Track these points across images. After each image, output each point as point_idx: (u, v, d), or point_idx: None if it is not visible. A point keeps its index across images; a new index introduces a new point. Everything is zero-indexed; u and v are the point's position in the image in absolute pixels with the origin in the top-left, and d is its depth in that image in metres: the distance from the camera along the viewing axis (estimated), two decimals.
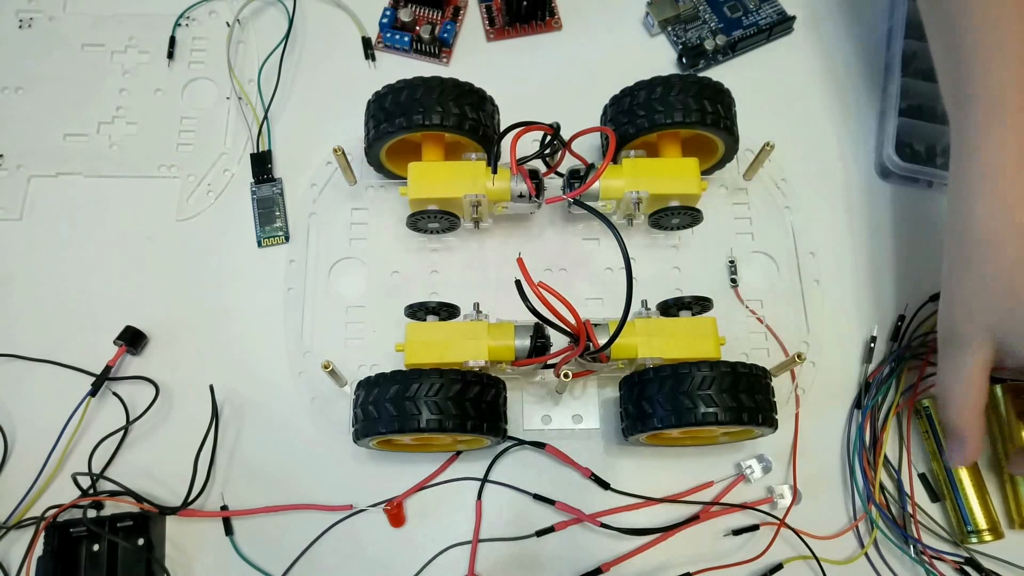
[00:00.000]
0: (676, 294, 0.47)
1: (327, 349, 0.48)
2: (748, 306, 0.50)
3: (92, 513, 0.45)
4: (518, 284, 0.38)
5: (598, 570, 0.44)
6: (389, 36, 0.57)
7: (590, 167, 0.46)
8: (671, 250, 0.52)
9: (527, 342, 0.43)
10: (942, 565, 0.45)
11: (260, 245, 0.52)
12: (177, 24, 0.57)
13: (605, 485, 0.46)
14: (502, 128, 0.46)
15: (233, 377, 0.48)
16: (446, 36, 0.57)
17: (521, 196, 0.46)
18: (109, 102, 0.55)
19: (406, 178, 0.46)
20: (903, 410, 0.47)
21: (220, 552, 0.45)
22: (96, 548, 0.44)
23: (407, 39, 0.57)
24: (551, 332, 0.42)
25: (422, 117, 0.45)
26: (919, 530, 0.45)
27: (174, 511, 0.45)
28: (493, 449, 0.47)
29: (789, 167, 0.53)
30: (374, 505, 0.46)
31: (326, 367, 0.43)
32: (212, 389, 0.47)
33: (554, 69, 0.57)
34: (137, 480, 0.45)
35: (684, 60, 0.57)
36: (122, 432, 0.47)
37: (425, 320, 0.45)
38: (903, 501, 0.46)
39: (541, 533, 0.45)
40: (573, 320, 0.39)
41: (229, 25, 0.57)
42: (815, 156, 0.55)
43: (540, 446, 0.47)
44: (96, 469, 0.46)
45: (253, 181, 0.53)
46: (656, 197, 0.46)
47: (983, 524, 0.44)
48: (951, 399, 0.42)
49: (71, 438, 0.46)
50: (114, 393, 0.48)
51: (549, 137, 0.44)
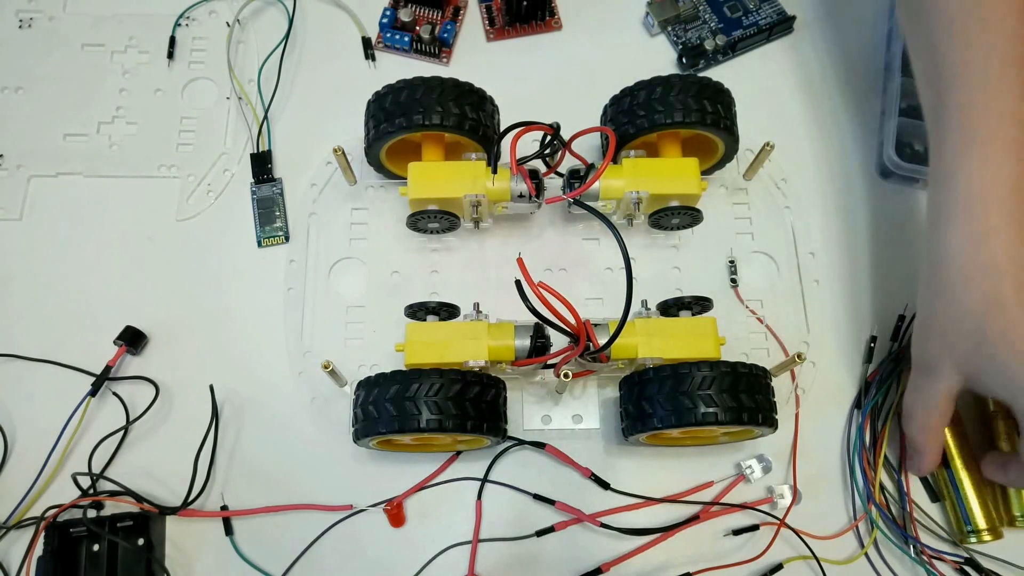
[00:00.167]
0: (676, 294, 0.47)
1: (327, 349, 0.49)
2: (748, 306, 0.50)
3: (92, 513, 0.45)
4: (518, 284, 0.38)
5: (598, 570, 0.44)
6: (389, 36, 0.57)
7: (590, 167, 0.46)
8: (671, 250, 0.52)
9: (527, 342, 0.43)
10: (942, 565, 0.45)
11: (260, 245, 0.52)
12: (177, 24, 0.57)
13: (605, 485, 0.46)
14: (502, 128, 0.46)
15: (233, 377, 0.48)
16: (446, 36, 0.57)
17: (521, 196, 0.46)
18: (109, 102, 0.55)
19: (406, 178, 0.46)
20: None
21: (220, 552, 0.45)
22: (96, 548, 0.44)
23: (407, 39, 0.57)
24: (551, 332, 0.42)
25: (422, 117, 0.45)
26: (918, 530, 0.45)
27: (174, 511, 0.45)
28: (493, 449, 0.47)
29: (789, 167, 0.54)
30: (374, 505, 0.46)
31: (326, 367, 0.43)
32: (212, 389, 0.47)
33: (554, 69, 0.57)
34: (137, 480, 0.45)
35: (684, 60, 0.57)
36: (122, 432, 0.47)
37: (425, 320, 0.45)
38: (903, 501, 0.46)
39: (541, 533, 0.45)
40: (573, 320, 0.39)
41: (229, 25, 0.57)
42: (815, 156, 0.55)
43: (540, 446, 0.47)
44: (96, 469, 0.46)
45: (253, 181, 0.53)
46: (656, 197, 0.46)
47: (982, 524, 0.44)
48: (914, 417, 0.44)
49: (71, 438, 0.46)
50: (114, 393, 0.48)
51: (549, 137, 0.44)
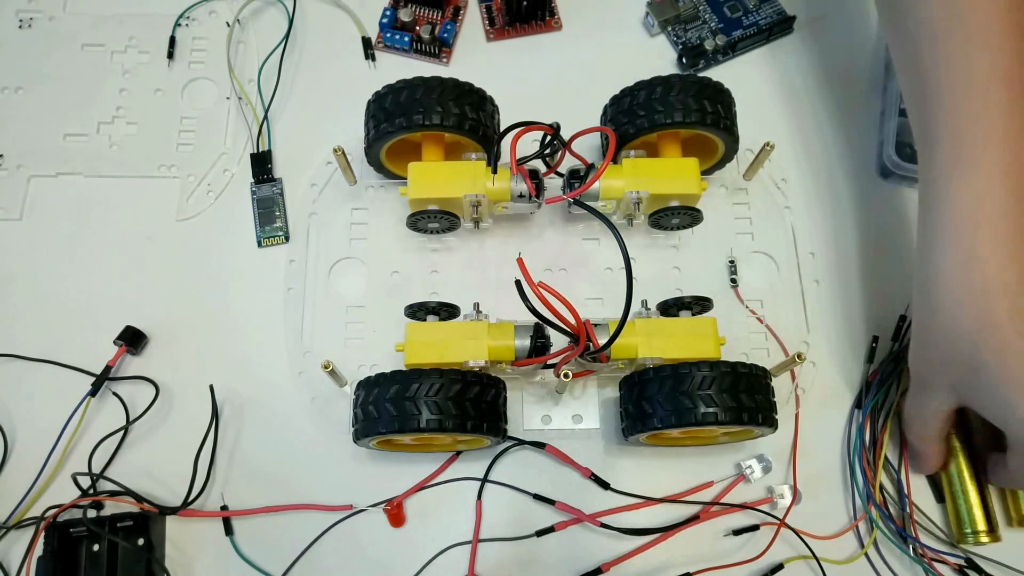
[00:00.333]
0: (676, 294, 0.47)
1: (327, 349, 0.48)
2: (748, 306, 0.50)
3: (92, 513, 0.44)
4: (518, 284, 0.38)
5: (598, 570, 0.44)
6: (389, 36, 0.57)
7: (590, 167, 0.46)
8: (671, 250, 0.52)
9: (527, 342, 0.43)
10: (941, 566, 0.44)
11: (260, 245, 0.52)
12: (177, 24, 0.57)
13: (605, 485, 0.46)
14: (502, 128, 0.46)
15: (233, 377, 0.48)
16: (446, 36, 0.57)
17: (521, 196, 0.46)
18: (109, 102, 0.55)
19: (406, 178, 0.46)
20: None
21: (220, 552, 0.45)
22: (96, 548, 0.44)
23: (407, 39, 0.57)
24: (551, 332, 0.42)
25: (422, 117, 0.45)
26: (918, 531, 0.45)
27: (174, 511, 0.45)
28: (493, 449, 0.47)
29: (789, 167, 0.54)
30: (374, 505, 0.46)
31: (326, 367, 0.43)
32: (212, 389, 0.47)
33: (554, 69, 0.57)
34: (137, 480, 0.45)
35: (684, 60, 0.57)
36: (122, 432, 0.46)
37: (425, 320, 0.45)
38: (903, 501, 0.46)
39: (541, 533, 0.45)
40: (573, 320, 0.39)
41: (229, 25, 0.57)
42: (815, 156, 0.55)
43: (540, 446, 0.47)
44: (96, 469, 0.46)
45: (253, 181, 0.53)
46: (656, 197, 0.46)
47: (982, 525, 0.44)
48: (913, 426, 0.45)
49: (71, 438, 0.46)
50: (114, 393, 0.48)
51: (549, 137, 0.44)
